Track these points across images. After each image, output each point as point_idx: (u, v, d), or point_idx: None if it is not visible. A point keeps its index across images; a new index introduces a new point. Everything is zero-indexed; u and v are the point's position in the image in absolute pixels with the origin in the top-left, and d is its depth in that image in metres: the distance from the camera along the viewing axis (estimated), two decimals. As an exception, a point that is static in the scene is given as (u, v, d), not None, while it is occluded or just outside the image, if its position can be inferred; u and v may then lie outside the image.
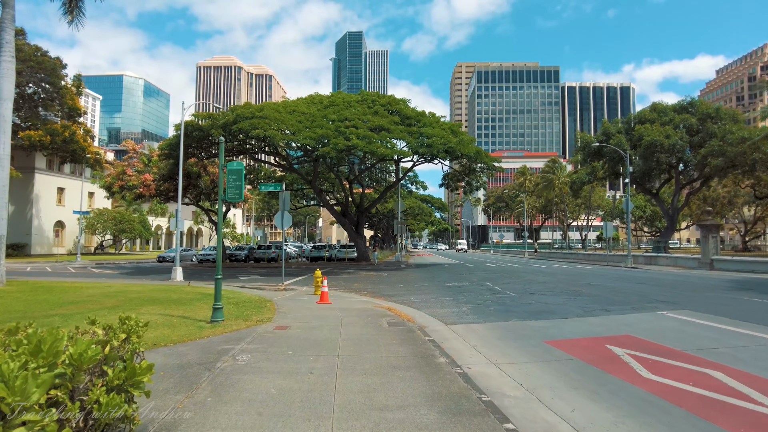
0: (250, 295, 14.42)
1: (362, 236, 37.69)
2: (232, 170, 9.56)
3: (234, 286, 18.72)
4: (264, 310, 11.15)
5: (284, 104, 26.64)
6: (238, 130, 23.19)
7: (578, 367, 6.47)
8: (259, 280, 21.64)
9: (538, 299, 13.64)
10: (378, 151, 23.85)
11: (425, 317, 10.78)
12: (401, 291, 16.64)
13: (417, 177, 43.52)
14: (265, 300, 13.11)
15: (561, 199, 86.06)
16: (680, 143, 41.02)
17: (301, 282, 20.55)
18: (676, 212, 49.83)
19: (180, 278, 21.85)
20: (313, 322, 9.47)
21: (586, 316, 10.69)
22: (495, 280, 20.09)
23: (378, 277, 22.89)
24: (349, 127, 24.15)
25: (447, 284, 18.37)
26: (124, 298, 13.18)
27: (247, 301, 12.69)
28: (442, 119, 29.65)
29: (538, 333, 8.86)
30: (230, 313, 10.47)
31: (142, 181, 31.54)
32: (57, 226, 55.06)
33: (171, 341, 7.66)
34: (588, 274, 24.96)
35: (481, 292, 15.48)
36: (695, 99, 48.80)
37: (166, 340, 7.73)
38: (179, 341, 7.69)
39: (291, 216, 18.48)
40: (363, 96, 29.15)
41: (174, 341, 7.67)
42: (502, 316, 10.82)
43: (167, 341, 7.64)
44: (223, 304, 11.76)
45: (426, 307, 12.56)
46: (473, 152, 27.64)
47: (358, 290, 16.98)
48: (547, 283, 18.70)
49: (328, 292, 12.80)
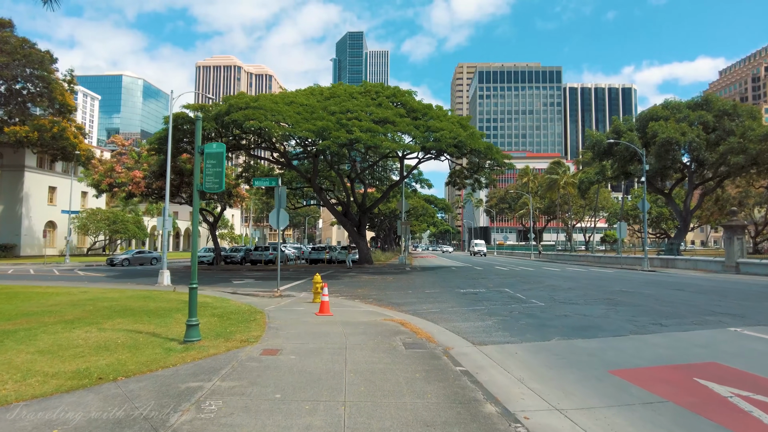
0: (240, 304, 12.58)
1: (364, 237, 35.85)
2: (210, 153, 7.73)
3: (224, 291, 16.90)
4: (252, 324, 9.31)
5: (282, 95, 24.80)
6: (230, 122, 21.37)
7: (679, 417, 4.63)
8: (253, 285, 19.81)
9: (573, 310, 11.79)
10: (383, 144, 21.99)
11: (446, 334, 8.94)
12: (410, 298, 14.80)
13: (421, 175, 41.61)
14: (255, 311, 11.26)
15: (565, 200, 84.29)
16: (697, 140, 39.18)
17: (299, 287, 18.72)
18: (689, 213, 47.94)
19: (167, 282, 20.04)
20: (310, 343, 7.63)
21: (641, 333, 8.84)
22: (513, 285, 18.23)
23: (383, 282, 21.05)
24: (351, 119, 22.32)
25: (461, 291, 16.52)
26: (92, 308, 11.34)
27: (233, 313, 10.84)
28: (449, 113, 27.86)
29: (594, 358, 7.03)
30: (210, 329, 8.63)
31: (132, 178, 29.69)
32: (48, 226, 53.17)
33: (124, 372, 5.82)
34: (610, 278, 23.12)
35: (503, 301, 13.63)
36: (710, 95, 47.06)
37: (119, 370, 5.89)
38: (135, 372, 5.85)
39: (288, 215, 16.65)
40: (366, 87, 27.27)
41: (128, 372, 5.83)
42: (539, 333, 8.98)
43: (119, 372, 5.80)
44: (205, 317, 9.94)
45: (444, 319, 10.72)
46: (483, 147, 25.82)
47: (362, 297, 15.15)
48: (573, 289, 16.84)
49: (328, 302, 10.96)
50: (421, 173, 40.90)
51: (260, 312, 11.05)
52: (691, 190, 47.59)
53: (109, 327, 8.86)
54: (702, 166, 43.79)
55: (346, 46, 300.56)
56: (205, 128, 24.33)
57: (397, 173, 41.11)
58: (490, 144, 26.29)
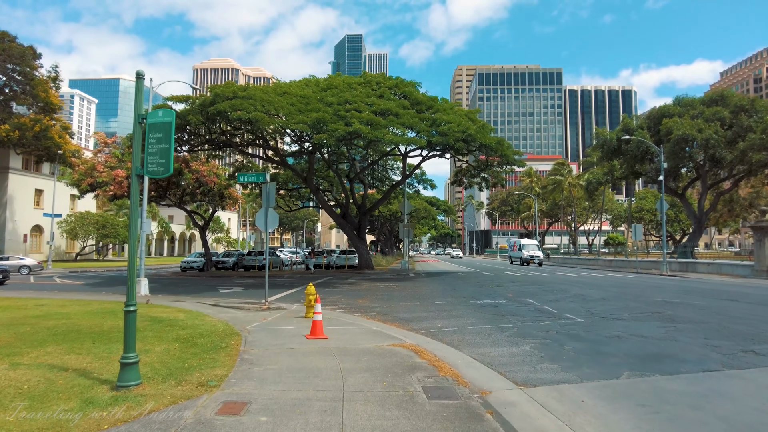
0: (216, 322, 10.40)
1: (364, 241, 33.64)
2: (154, 124, 5.57)
3: (205, 303, 14.71)
4: (221, 354, 7.12)
5: (275, 86, 22.65)
6: (216, 113, 19.21)
7: None
8: (241, 295, 17.62)
9: (624, 329, 9.62)
10: (385, 138, 19.79)
11: (477, 368, 6.77)
12: (420, 312, 12.62)
13: (425, 175, 39.43)
14: (231, 332, 9.06)
15: (569, 202, 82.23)
16: (715, 137, 37.10)
17: (291, 297, 16.52)
18: (703, 215, 45.85)
19: (144, 292, 17.83)
20: (293, 389, 5.44)
21: (738, 366, 6.67)
22: (535, 295, 16.02)
23: (386, 290, 18.85)
24: (350, 110, 20.17)
25: (478, 302, 14.31)
26: (30, 329, 9.15)
27: (203, 335, 8.66)
28: (456, 106, 25.74)
29: (702, 413, 4.85)
30: (164, 364, 6.46)
31: (114, 178, 27.49)
32: (35, 230, 50.96)
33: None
34: (637, 285, 20.97)
35: (533, 316, 11.45)
36: (725, 90, 45.09)
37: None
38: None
39: (277, 215, 14.48)
40: (366, 78, 25.12)
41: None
42: (599, 364, 6.82)
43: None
44: (166, 342, 7.78)
45: (467, 342, 8.56)
46: (494, 142, 23.66)
47: (364, 310, 12.97)
48: (607, 300, 14.63)
49: (321, 321, 8.77)
50: (424, 173, 38.79)
51: (237, 334, 8.86)
52: (704, 191, 45.57)
53: (28, 360, 6.68)
54: (718, 164, 41.72)
55: (344, 48, 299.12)
56: (191, 122, 22.20)
57: (398, 173, 38.98)
58: (501, 139, 24.16)
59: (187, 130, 25.62)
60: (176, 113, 23.06)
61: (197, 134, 26.50)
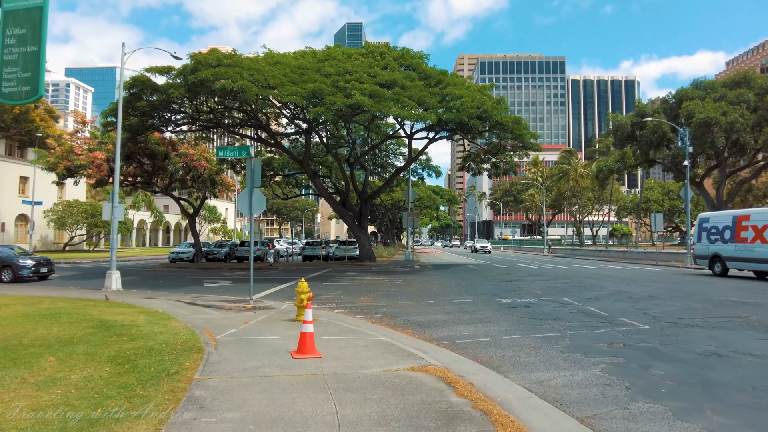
0: (180, 328, 8.13)
1: (366, 231, 31.29)
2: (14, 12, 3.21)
3: (180, 301, 12.48)
4: (162, 388, 4.83)
5: (266, 56, 20.11)
6: (197, 82, 16.79)
7: None
8: (226, 290, 15.35)
9: (710, 339, 7.35)
10: (391, 112, 17.38)
11: (540, 408, 4.50)
12: (437, 313, 10.36)
13: (430, 161, 36.91)
14: (191, 347, 6.76)
15: (574, 192, 79.84)
16: (741, 121, 34.69)
17: (283, 293, 14.23)
18: (722, 204, 43.50)
19: (115, 287, 15.57)
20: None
21: None
22: (568, 292, 13.70)
23: (391, 285, 16.58)
24: (350, 81, 17.74)
25: (503, 301, 12.01)
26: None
27: (152, 351, 6.37)
28: (467, 81, 23.22)
29: None
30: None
31: (92, 161, 25.10)
32: (20, 220, 48.70)
33: None
34: (677, 279, 18.69)
35: (581, 321, 9.16)
36: (748, 72, 42.65)
37: None
38: None
39: (264, 197, 12.16)
40: (369, 48, 22.49)
41: None
42: (725, 407, 4.55)
43: None
44: (95, 363, 5.50)
45: (509, 361, 6.29)
46: (511, 121, 21.24)
47: (368, 311, 10.71)
48: (659, 299, 12.25)
49: (313, 333, 6.47)
50: (429, 159, 36.29)
51: (199, 349, 6.57)
52: (723, 179, 43.31)
53: None
54: (741, 151, 39.33)
55: (344, 36, 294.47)
56: (174, 97, 19.80)
57: (401, 159, 36.56)
58: (519, 117, 21.71)
59: (172, 108, 23.22)
60: (157, 87, 20.69)
61: (182, 112, 24.09)
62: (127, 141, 23.86)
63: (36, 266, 18.96)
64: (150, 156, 27.84)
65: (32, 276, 18.77)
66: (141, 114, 22.28)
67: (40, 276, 19.18)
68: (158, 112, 22.99)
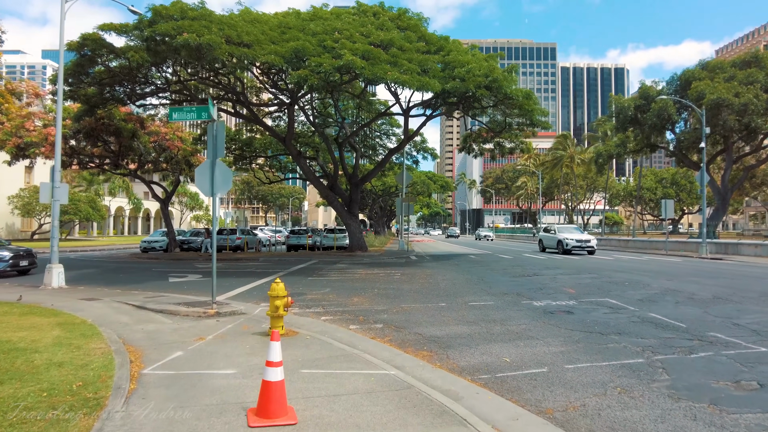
0: (99, 353, 5.55)
1: (356, 217, 28.70)
2: None
3: (128, 303, 9.93)
4: None
5: (242, 13, 17.19)
6: (155, 37, 13.94)
7: None
8: (193, 286, 12.77)
9: None
10: (388, 76, 14.67)
11: None
12: (456, 323, 7.90)
13: (425, 142, 34.23)
14: (93, 395, 4.19)
15: (567, 180, 78.07)
16: (755, 102, 32.70)
17: (259, 291, 11.67)
18: (728, 191, 41.77)
19: (56, 283, 12.89)
20: None
21: None
22: (607, 291, 11.26)
23: (388, 280, 14.09)
24: (339, 40, 15.05)
25: (534, 303, 9.57)
26: None
27: (27, 405, 3.80)
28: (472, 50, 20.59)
29: None
30: None
31: (46, 138, 22.09)
32: (-19, 207, 45.27)
33: None
34: (710, 272, 16.52)
35: (657, 336, 6.76)
36: (759, 52, 40.60)
37: None
38: None
39: (231, 172, 9.56)
40: (361, 8, 19.52)
41: None
42: None
43: None
44: None
45: (594, 414, 3.87)
46: (522, 95, 18.74)
47: (364, 319, 8.23)
48: (731, 301, 9.80)
49: (284, 381, 3.96)
50: (425, 140, 33.62)
51: (97, 404, 4.01)
52: (729, 164, 41.49)
53: None
54: (752, 134, 37.41)
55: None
56: (134, 61, 16.88)
57: (394, 141, 33.90)
58: (529, 91, 19.10)
59: (137, 78, 20.23)
60: (113, 49, 17.76)
61: (150, 82, 21.15)
62: (84, 114, 20.90)
63: (14, 258, 15.52)
64: (115, 134, 24.85)
65: (10, 270, 15.35)
66: (99, 83, 19.32)
67: (19, 270, 15.79)
68: (120, 82, 20.03)
